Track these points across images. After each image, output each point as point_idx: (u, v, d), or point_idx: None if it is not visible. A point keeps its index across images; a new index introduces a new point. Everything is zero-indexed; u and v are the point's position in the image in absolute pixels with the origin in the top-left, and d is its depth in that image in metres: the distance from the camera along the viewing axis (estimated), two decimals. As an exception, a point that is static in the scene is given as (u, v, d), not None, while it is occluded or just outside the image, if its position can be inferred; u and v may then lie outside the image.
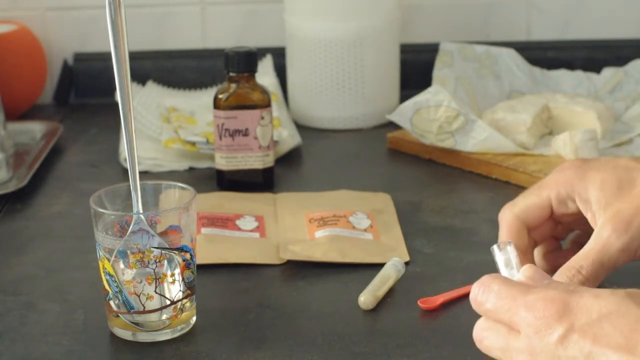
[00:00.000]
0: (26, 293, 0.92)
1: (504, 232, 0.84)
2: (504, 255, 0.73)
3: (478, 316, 0.86)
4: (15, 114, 1.42)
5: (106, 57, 0.82)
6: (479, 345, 0.69)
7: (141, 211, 0.83)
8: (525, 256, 0.84)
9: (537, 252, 0.88)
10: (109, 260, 0.81)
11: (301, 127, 1.36)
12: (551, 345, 0.62)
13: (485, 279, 0.68)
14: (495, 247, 0.74)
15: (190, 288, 0.84)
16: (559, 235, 0.88)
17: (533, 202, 0.84)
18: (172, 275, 0.82)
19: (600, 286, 0.89)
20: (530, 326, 0.64)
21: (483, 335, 0.68)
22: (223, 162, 1.15)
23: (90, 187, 0.89)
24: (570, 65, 1.48)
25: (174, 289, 0.82)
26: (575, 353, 0.62)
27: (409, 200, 1.12)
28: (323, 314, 0.87)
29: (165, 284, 0.82)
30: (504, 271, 0.73)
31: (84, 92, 1.53)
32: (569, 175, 0.82)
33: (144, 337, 0.83)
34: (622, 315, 0.62)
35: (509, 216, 0.84)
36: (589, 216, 0.82)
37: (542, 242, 0.87)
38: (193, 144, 1.24)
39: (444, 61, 1.37)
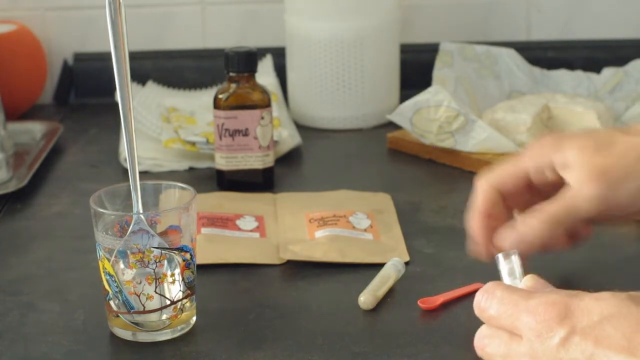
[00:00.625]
0: (26, 293, 0.92)
1: (479, 200, 0.84)
2: (508, 265, 0.73)
3: (478, 317, 0.86)
4: (15, 114, 1.42)
5: (106, 57, 0.82)
6: (480, 353, 0.69)
7: (141, 211, 0.83)
8: (499, 222, 0.83)
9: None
10: (109, 260, 0.81)
11: (301, 127, 1.36)
12: (553, 348, 0.63)
13: (489, 286, 0.69)
14: (500, 255, 0.74)
15: (190, 288, 0.84)
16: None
17: (509, 171, 0.83)
18: (172, 275, 0.82)
19: (601, 290, 0.89)
20: (531, 330, 0.64)
21: (485, 342, 0.68)
22: (223, 162, 1.15)
23: (90, 187, 0.89)
24: (570, 65, 1.48)
25: (174, 289, 0.82)
26: (577, 355, 0.62)
27: (409, 200, 1.12)
28: (323, 314, 0.87)
29: (165, 284, 0.82)
30: (507, 280, 0.73)
31: (84, 92, 1.53)
32: (546, 146, 0.82)
33: (144, 337, 0.83)
34: (624, 317, 0.62)
35: (485, 185, 0.84)
36: (570, 178, 0.81)
37: (521, 211, 0.87)
38: (193, 144, 1.24)
39: (444, 61, 1.37)
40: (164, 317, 0.83)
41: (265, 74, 1.44)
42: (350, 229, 1.01)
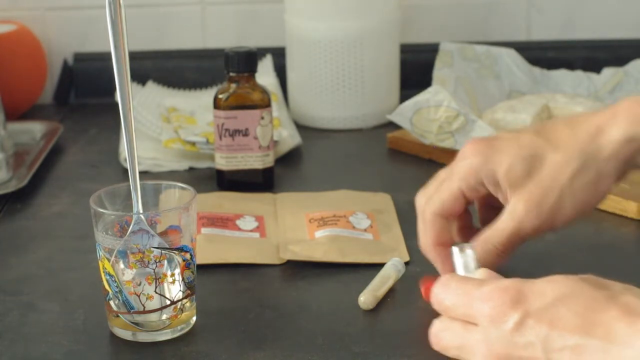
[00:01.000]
0: (26, 293, 0.92)
1: (428, 231, 0.86)
2: (463, 258, 0.74)
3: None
4: (15, 114, 1.42)
5: (106, 57, 0.82)
6: (436, 347, 0.69)
7: (141, 211, 0.83)
8: (450, 241, 0.86)
9: (452, 227, 0.89)
10: (109, 260, 0.81)
11: (301, 127, 1.36)
12: (507, 332, 0.62)
13: (444, 277, 0.69)
14: (454, 248, 0.74)
15: (190, 288, 0.84)
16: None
17: (447, 196, 0.85)
18: (172, 275, 0.82)
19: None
20: (485, 317, 0.64)
21: (439, 336, 0.68)
22: (223, 162, 1.15)
23: (90, 187, 0.89)
24: (570, 65, 1.48)
25: (174, 289, 0.82)
26: (531, 338, 0.62)
27: (409, 200, 1.11)
28: (323, 314, 0.87)
29: (165, 284, 0.82)
30: (461, 272, 0.74)
31: (84, 92, 1.53)
32: (475, 164, 0.83)
33: (144, 337, 0.83)
34: (577, 297, 0.62)
35: (430, 215, 0.86)
36: (500, 196, 0.84)
37: (457, 217, 0.88)
38: (193, 144, 1.24)
39: (444, 61, 1.37)
40: (164, 317, 0.83)
41: (265, 74, 1.44)
42: (350, 229, 1.01)
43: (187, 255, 0.82)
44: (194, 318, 0.85)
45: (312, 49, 1.36)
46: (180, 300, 0.83)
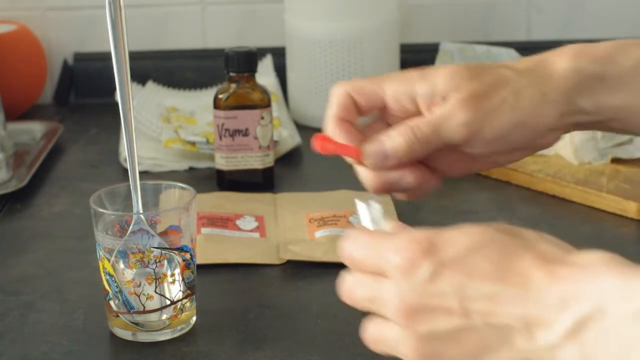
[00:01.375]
0: (26, 293, 0.92)
1: (333, 105, 0.79)
2: (370, 211, 0.71)
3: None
4: (15, 114, 1.42)
5: (106, 57, 0.82)
6: (347, 301, 0.66)
7: (141, 211, 0.83)
8: (349, 135, 0.79)
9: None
10: (109, 260, 0.81)
11: (301, 127, 1.36)
12: (420, 283, 0.60)
13: (353, 231, 0.66)
14: (360, 202, 0.71)
15: (190, 288, 0.84)
16: None
17: (368, 85, 0.79)
18: (172, 275, 0.82)
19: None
20: (397, 268, 0.61)
21: (351, 289, 0.65)
22: (223, 162, 1.15)
23: (90, 187, 0.89)
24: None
25: (174, 289, 0.82)
26: (445, 288, 0.60)
27: (409, 200, 1.12)
28: (323, 314, 0.87)
29: (165, 284, 0.82)
30: (369, 226, 0.70)
31: (84, 92, 1.53)
32: (411, 75, 0.78)
33: (144, 337, 0.83)
34: (490, 246, 0.60)
35: (342, 91, 0.79)
36: (441, 102, 0.76)
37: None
38: (193, 144, 1.24)
39: (444, 61, 1.37)
40: (164, 317, 0.83)
41: (265, 74, 1.44)
42: (351, 228, 1.01)
43: (187, 255, 0.82)
44: (194, 318, 0.85)
45: (312, 49, 1.36)
46: (180, 300, 0.83)
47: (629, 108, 0.77)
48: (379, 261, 0.63)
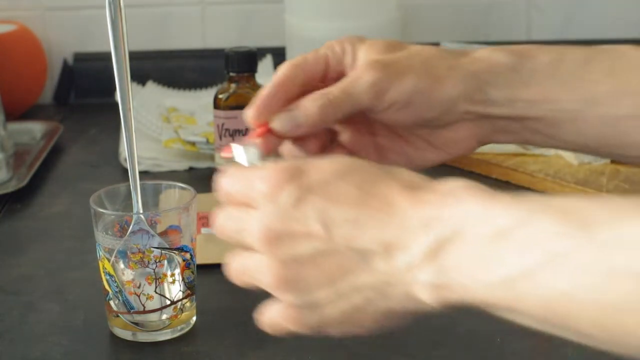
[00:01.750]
0: (26, 293, 0.92)
1: (277, 74, 0.78)
2: (247, 154, 0.71)
3: (479, 316, 0.86)
4: (15, 114, 1.43)
5: (106, 57, 0.82)
6: (220, 235, 0.67)
7: (141, 211, 0.83)
8: (285, 95, 0.77)
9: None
10: (109, 260, 0.81)
11: (301, 127, 1.36)
12: (284, 207, 0.61)
13: (231, 169, 0.67)
14: (237, 145, 0.71)
15: (190, 288, 0.84)
16: None
17: (311, 55, 0.82)
18: (172, 275, 0.82)
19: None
20: (263, 195, 0.62)
21: (221, 224, 0.66)
22: (223, 162, 1.15)
23: (90, 187, 0.89)
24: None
25: (174, 289, 0.82)
26: (307, 212, 0.60)
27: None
28: (323, 314, 0.87)
29: (165, 284, 0.82)
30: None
31: (84, 92, 1.53)
32: (345, 41, 0.81)
33: (144, 337, 0.83)
34: (355, 172, 0.61)
35: (286, 64, 0.79)
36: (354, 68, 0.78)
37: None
38: (193, 144, 1.24)
39: (444, 61, 1.37)
40: (164, 317, 0.83)
41: (265, 74, 1.44)
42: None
43: (187, 255, 0.82)
44: (194, 318, 0.85)
45: (312, 49, 1.36)
46: (180, 300, 0.83)
47: (543, 105, 0.76)
48: (249, 192, 0.63)
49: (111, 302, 0.83)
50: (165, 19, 1.54)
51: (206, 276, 0.93)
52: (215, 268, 0.95)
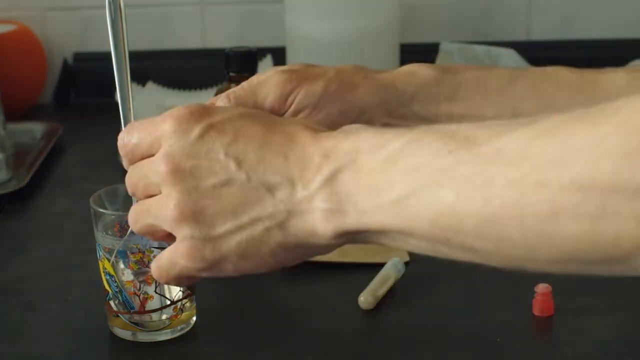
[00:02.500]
0: (26, 293, 0.92)
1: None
2: None
3: (479, 317, 0.87)
4: (15, 114, 1.42)
5: (106, 57, 0.82)
6: (131, 190, 0.68)
7: (141, 211, 0.83)
8: None
9: None
10: (109, 260, 0.81)
11: (301, 127, 1.36)
12: (190, 141, 0.63)
13: (128, 125, 0.70)
14: None
15: (190, 288, 0.84)
16: None
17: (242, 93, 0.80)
18: (172, 275, 0.82)
19: (604, 293, 0.89)
20: (170, 133, 0.64)
21: (129, 177, 0.67)
22: (223, 162, 1.15)
23: (90, 187, 0.89)
24: (570, 65, 1.48)
25: (174, 289, 0.82)
26: (213, 146, 0.62)
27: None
28: (323, 314, 0.87)
29: (165, 284, 0.82)
30: None
31: (84, 92, 1.53)
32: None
33: (144, 337, 0.83)
34: (259, 115, 0.65)
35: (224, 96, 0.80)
36: None
37: None
38: (193, 144, 1.24)
39: (444, 61, 1.37)
40: (164, 317, 0.83)
41: (265, 74, 1.44)
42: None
43: (187, 255, 0.82)
44: (194, 318, 0.85)
45: (312, 49, 1.36)
46: (180, 300, 0.83)
47: (467, 119, 0.76)
48: (154, 133, 0.65)
49: (111, 302, 0.83)
50: (165, 19, 1.54)
51: (206, 276, 0.93)
52: (215, 268, 0.95)
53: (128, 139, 0.68)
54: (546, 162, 0.49)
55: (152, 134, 0.65)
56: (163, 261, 0.66)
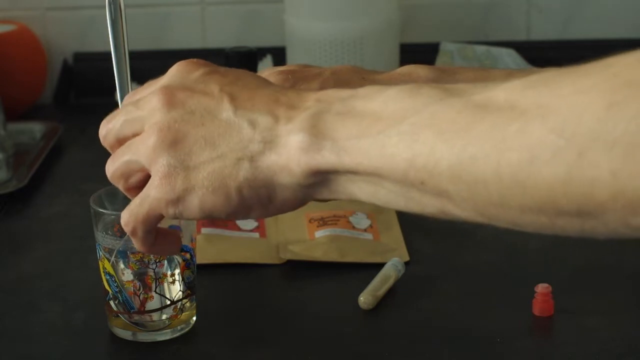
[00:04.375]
0: (26, 293, 0.92)
1: None
2: None
3: (479, 317, 0.87)
4: (15, 114, 1.42)
5: (106, 57, 0.82)
6: (104, 143, 0.69)
7: (141, 211, 0.83)
8: None
9: None
10: (109, 260, 0.81)
11: (301, 127, 1.36)
12: (191, 80, 0.64)
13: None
14: None
15: (190, 288, 0.84)
16: None
17: None
18: (172, 275, 0.82)
19: (603, 293, 0.89)
20: (173, 72, 0.65)
21: (108, 120, 0.68)
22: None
23: (90, 187, 0.89)
24: (570, 66, 1.48)
25: (174, 289, 0.82)
26: (211, 83, 0.63)
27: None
28: (323, 314, 0.87)
29: (165, 284, 0.82)
30: None
31: (84, 92, 1.53)
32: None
33: (144, 337, 0.83)
34: (255, 75, 0.65)
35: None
36: None
37: None
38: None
39: (444, 61, 1.37)
40: (164, 317, 0.83)
41: (265, 74, 1.44)
42: (350, 228, 1.01)
43: (187, 255, 0.82)
44: (194, 318, 0.85)
45: (312, 49, 1.36)
46: (180, 300, 0.83)
47: None
48: (158, 80, 0.66)
49: (111, 302, 0.83)
50: (165, 19, 1.54)
51: (206, 276, 0.93)
52: (215, 268, 0.95)
53: (136, 92, 0.69)
54: (532, 109, 0.50)
55: (155, 83, 0.67)
56: (134, 202, 0.65)
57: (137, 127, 0.65)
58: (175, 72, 0.65)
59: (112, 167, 0.67)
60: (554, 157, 0.48)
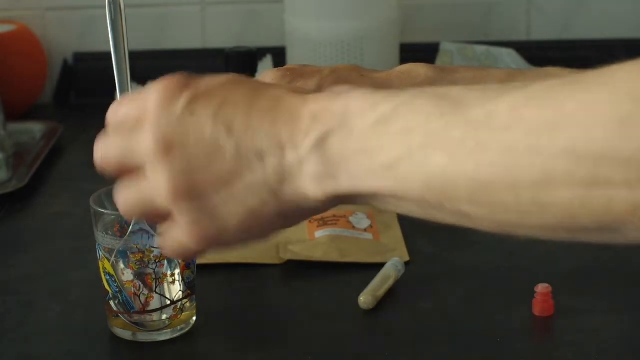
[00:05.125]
0: (26, 293, 0.92)
1: None
2: None
3: (479, 317, 0.87)
4: (15, 114, 1.42)
5: (106, 57, 0.82)
6: (105, 165, 0.66)
7: (141, 211, 0.83)
8: None
9: None
10: (109, 260, 0.81)
11: (301, 127, 1.36)
12: (177, 114, 0.61)
13: (117, 101, 0.68)
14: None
15: (190, 288, 0.84)
16: None
17: None
18: (172, 275, 0.82)
19: (601, 292, 0.89)
20: (155, 104, 0.62)
21: (106, 150, 0.66)
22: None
23: (90, 187, 0.89)
24: (570, 65, 1.47)
25: (174, 289, 0.82)
26: (202, 116, 0.61)
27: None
28: (323, 314, 0.87)
29: (165, 284, 0.82)
30: None
31: (84, 92, 1.53)
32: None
33: (144, 337, 0.83)
34: (242, 81, 0.63)
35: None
36: None
37: None
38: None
39: (444, 61, 1.37)
40: (164, 317, 0.83)
41: (265, 74, 1.44)
42: (350, 228, 1.01)
43: (187, 255, 0.82)
44: (194, 318, 0.85)
45: (312, 49, 1.36)
46: (180, 300, 0.83)
47: None
48: (140, 106, 0.63)
49: (111, 302, 0.83)
50: (165, 19, 1.54)
51: (206, 276, 0.93)
52: (215, 268, 0.95)
53: (115, 110, 0.67)
54: (538, 127, 0.49)
55: (139, 105, 0.64)
56: (172, 242, 0.64)
57: (132, 162, 0.64)
58: (155, 106, 0.62)
59: (128, 211, 0.65)
60: (568, 177, 0.48)
